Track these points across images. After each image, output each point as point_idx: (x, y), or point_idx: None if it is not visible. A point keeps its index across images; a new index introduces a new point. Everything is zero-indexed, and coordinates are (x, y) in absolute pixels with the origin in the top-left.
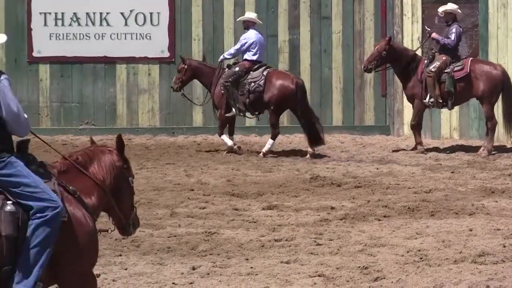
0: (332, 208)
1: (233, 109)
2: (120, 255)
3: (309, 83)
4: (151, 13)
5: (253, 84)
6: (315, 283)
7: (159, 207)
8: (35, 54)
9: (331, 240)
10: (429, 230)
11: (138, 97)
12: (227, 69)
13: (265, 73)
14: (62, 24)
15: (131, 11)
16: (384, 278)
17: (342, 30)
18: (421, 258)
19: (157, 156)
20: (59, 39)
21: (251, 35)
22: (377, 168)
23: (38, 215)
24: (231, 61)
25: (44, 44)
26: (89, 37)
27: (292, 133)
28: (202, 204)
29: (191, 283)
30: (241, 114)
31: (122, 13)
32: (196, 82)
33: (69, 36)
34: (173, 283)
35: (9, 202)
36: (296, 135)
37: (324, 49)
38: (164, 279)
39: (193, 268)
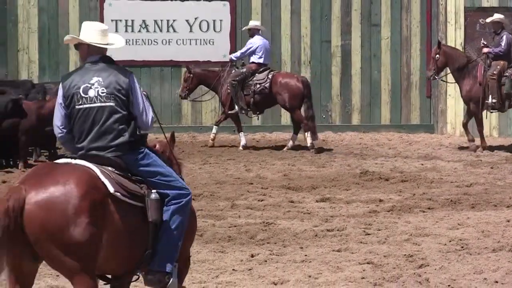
0: (380, 200)
1: (236, 107)
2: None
3: (359, 85)
4: (214, 21)
5: (258, 85)
6: (364, 270)
7: (220, 200)
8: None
9: (379, 230)
10: (470, 221)
11: (201, 98)
12: (234, 70)
13: (270, 76)
14: (132, 31)
15: (195, 18)
16: (428, 265)
17: (390, 36)
18: (462, 247)
19: (219, 152)
20: (129, 44)
21: (256, 41)
22: (422, 164)
23: (173, 201)
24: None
25: (116, 49)
26: (157, 42)
27: (344, 131)
28: (260, 196)
29: (249, 269)
30: (243, 112)
31: (187, 21)
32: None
33: (139, 42)
34: (233, 269)
35: (153, 190)
36: (347, 133)
37: (374, 54)
38: (225, 266)
39: (252, 256)
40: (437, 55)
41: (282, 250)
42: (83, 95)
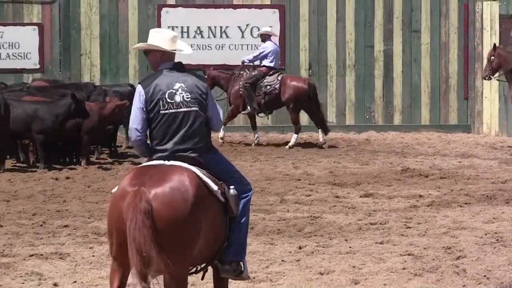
0: (420, 196)
1: (248, 107)
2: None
3: (400, 88)
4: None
5: (269, 87)
6: (405, 261)
7: (270, 195)
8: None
9: (419, 223)
10: (505, 216)
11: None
12: (245, 73)
13: (279, 78)
14: (188, 37)
15: (247, 25)
16: (465, 257)
17: (429, 42)
18: (497, 240)
19: (269, 150)
20: None
21: (268, 45)
22: (459, 162)
23: (243, 196)
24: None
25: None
26: (211, 47)
27: (386, 131)
28: (307, 192)
29: (297, 260)
30: (255, 112)
31: (239, 27)
32: None
33: (194, 47)
34: (282, 260)
35: (231, 187)
36: (389, 132)
37: (414, 59)
38: (274, 257)
39: (300, 248)
40: (492, 57)
41: (328, 242)
42: (169, 100)
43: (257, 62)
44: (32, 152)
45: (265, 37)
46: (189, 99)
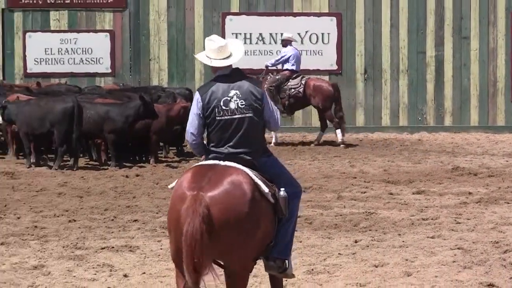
0: (470, 193)
1: None
2: (296, 230)
3: (451, 91)
4: (322, 34)
5: (293, 90)
6: (455, 254)
7: (328, 192)
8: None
9: (469, 219)
10: None
11: None
12: (269, 77)
13: (303, 81)
14: (250, 43)
15: (306, 32)
16: None
17: (478, 48)
18: None
19: (326, 150)
20: (248, 55)
21: (289, 50)
22: (506, 161)
23: (293, 197)
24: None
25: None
26: (272, 53)
27: (437, 132)
28: (363, 189)
29: (353, 253)
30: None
31: (299, 34)
32: None
33: (256, 52)
34: (339, 253)
35: (281, 188)
36: (440, 133)
37: (464, 64)
38: (331, 250)
39: (355, 241)
40: None
41: (382, 236)
42: (224, 107)
43: (279, 66)
44: (104, 151)
45: (286, 42)
46: (244, 105)
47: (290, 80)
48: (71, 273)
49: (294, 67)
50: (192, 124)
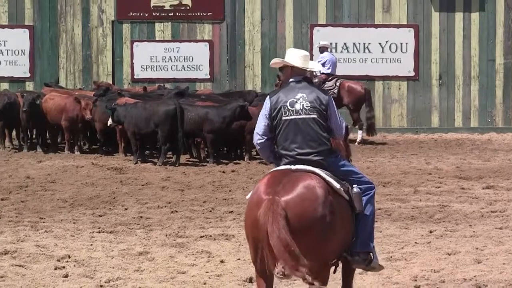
0: None
1: None
2: (377, 221)
3: None
4: (401, 43)
5: (329, 91)
6: None
7: (405, 186)
8: (315, 73)
9: None
10: None
11: (391, 105)
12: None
13: (337, 83)
14: (335, 51)
15: (386, 41)
16: None
17: None
18: None
19: (404, 148)
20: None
21: (325, 55)
22: None
23: (365, 193)
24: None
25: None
26: (355, 61)
27: (505, 132)
28: (437, 184)
29: (428, 242)
30: None
31: (380, 43)
32: None
33: (340, 60)
34: (415, 242)
35: (354, 185)
36: (508, 134)
37: None
38: (408, 240)
39: (430, 232)
40: None
41: (455, 227)
42: (290, 108)
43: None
44: (203, 149)
45: (323, 49)
46: (309, 107)
47: (326, 82)
48: (173, 258)
49: (329, 71)
50: (258, 124)
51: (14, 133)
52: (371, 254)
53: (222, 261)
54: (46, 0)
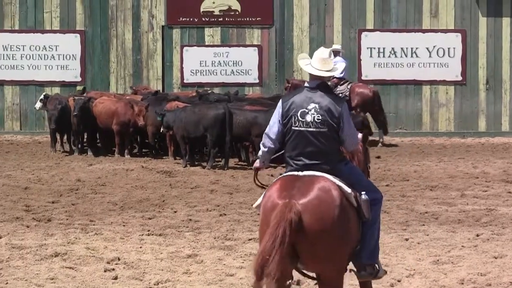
0: None
1: None
2: (423, 225)
3: None
4: (448, 48)
5: (340, 95)
6: None
7: (452, 190)
8: (363, 77)
9: None
10: None
11: (438, 109)
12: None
13: (348, 86)
14: (383, 56)
15: (434, 46)
16: None
17: None
18: None
19: (451, 152)
20: (382, 67)
21: (337, 60)
22: None
23: (373, 202)
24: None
25: (370, 70)
26: (403, 65)
27: None
28: (484, 188)
29: (475, 246)
30: None
31: (427, 48)
32: None
33: (388, 65)
34: (462, 245)
35: (362, 192)
36: None
37: None
38: (455, 243)
39: (477, 235)
40: None
41: (501, 231)
42: (300, 118)
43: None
44: (251, 152)
45: (335, 53)
46: (319, 120)
47: (338, 86)
48: (221, 261)
49: (341, 75)
50: (270, 128)
51: (64, 137)
52: (376, 265)
53: None
54: (98, 5)
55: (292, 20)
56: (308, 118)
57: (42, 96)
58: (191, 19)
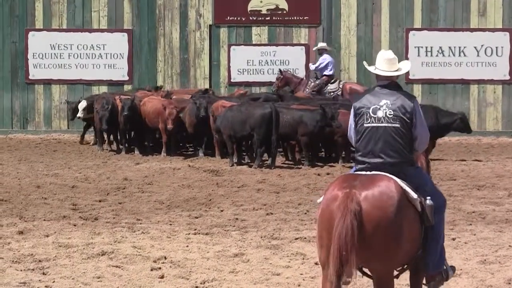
0: None
1: None
2: (471, 224)
3: None
4: (496, 47)
5: (332, 93)
6: None
7: (500, 190)
8: (410, 77)
9: None
10: None
11: (486, 108)
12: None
13: (340, 85)
14: (431, 55)
15: (481, 45)
16: None
17: None
18: None
19: (499, 152)
20: (429, 66)
21: (326, 57)
22: None
23: (438, 208)
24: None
25: (418, 70)
26: (451, 65)
27: None
28: None
29: None
30: None
31: (475, 47)
32: None
33: (436, 64)
34: (509, 245)
35: (428, 197)
36: None
37: None
38: (502, 243)
39: None
40: None
41: None
42: (372, 115)
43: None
44: (297, 152)
45: (321, 51)
46: (391, 115)
47: (329, 84)
48: (268, 260)
49: (331, 72)
50: (350, 129)
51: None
52: (444, 269)
53: (316, 263)
54: (145, 4)
55: (339, 19)
56: (380, 113)
57: (84, 104)
58: (239, 18)
